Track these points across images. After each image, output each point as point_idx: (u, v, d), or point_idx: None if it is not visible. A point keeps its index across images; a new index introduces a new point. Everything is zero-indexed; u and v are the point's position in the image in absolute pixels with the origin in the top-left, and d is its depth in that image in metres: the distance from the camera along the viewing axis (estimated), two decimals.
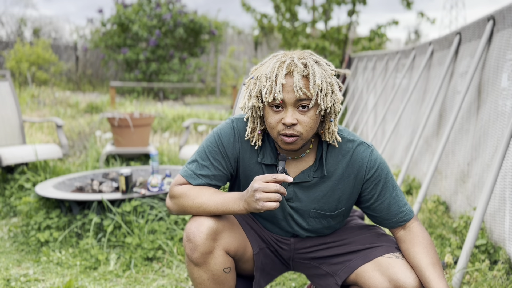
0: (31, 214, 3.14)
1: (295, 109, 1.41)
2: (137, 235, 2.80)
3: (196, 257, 1.50)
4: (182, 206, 1.55)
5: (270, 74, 1.41)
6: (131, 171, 2.99)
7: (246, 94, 1.50)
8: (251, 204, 1.42)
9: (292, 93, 1.39)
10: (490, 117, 2.74)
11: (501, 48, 2.69)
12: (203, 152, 1.58)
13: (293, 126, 1.41)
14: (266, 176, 1.40)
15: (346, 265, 1.60)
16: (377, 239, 1.62)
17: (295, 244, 1.70)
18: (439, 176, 3.55)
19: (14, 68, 11.52)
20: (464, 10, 34.39)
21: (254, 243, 1.66)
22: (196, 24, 12.82)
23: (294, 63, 1.40)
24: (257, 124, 1.53)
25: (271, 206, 1.39)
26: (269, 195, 1.38)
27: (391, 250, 1.56)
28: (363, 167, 1.55)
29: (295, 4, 9.48)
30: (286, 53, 1.47)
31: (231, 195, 1.51)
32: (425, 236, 1.54)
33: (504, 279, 2.20)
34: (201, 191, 1.54)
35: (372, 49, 9.33)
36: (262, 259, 1.69)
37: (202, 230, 1.49)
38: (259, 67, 1.50)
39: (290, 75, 1.39)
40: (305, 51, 1.48)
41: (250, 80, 1.49)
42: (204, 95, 14.09)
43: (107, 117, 4.88)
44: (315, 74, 1.40)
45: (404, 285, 1.46)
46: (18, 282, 2.49)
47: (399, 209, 1.56)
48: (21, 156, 3.87)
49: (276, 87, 1.39)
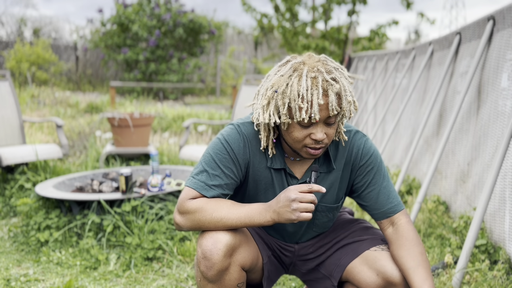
0: (31, 214, 3.14)
1: (324, 124, 1.41)
2: (137, 235, 2.80)
3: (212, 275, 1.45)
4: (198, 221, 1.45)
5: (305, 93, 1.35)
6: (131, 171, 2.99)
7: (269, 107, 1.42)
8: (284, 214, 1.40)
9: (325, 111, 1.38)
10: (490, 117, 2.74)
11: (501, 48, 2.69)
12: (212, 161, 1.50)
13: (322, 140, 1.42)
14: (301, 186, 1.40)
15: (337, 264, 1.62)
16: (363, 232, 1.66)
17: (299, 250, 1.71)
18: (439, 176, 3.55)
19: (14, 68, 11.52)
20: (464, 10, 34.43)
21: (263, 252, 1.65)
22: (196, 24, 12.82)
23: (327, 81, 1.37)
24: (270, 132, 1.50)
25: (307, 216, 1.39)
26: (306, 205, 1.38)
27: (377, 243, 1.59)
28: (359, 154, 1.58)
29: (295, 4, 9.48)
30: (307, 63, 1.41)
31: (255, 207, 1.46)
32: (411, 237, 1.52)
33: (504, 279, 2.20)
34: (219, 204, 1.46)
35: (372, 49, 9.33)
36: (269, 267, 1.68)
37: (219, 247, 1.43)
38: (277, 77, 1.42)
39: (325, 94, 1.37)
40: (321, 57, 1.45)
41: (274, 94, 1.41)
42: (204, 95, 14.09)
43: (107, 117, 4.88)
44: (345, 90, 1.39)
45: (392, 276, 1.49)
46: (18, 282, 2.49)
47: (387, 200, 1.57)
48: (21, 156, 3.87)
49: (313, 108, 1.35)
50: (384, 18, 60.18)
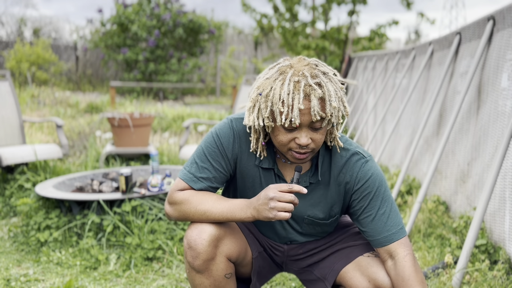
0: (31, 214, 3.14)
1: (309, 129, 1.38)
2: (137, 235, 2.80)
3: (198, 264, 1.48)
4: (184, 213, 1.51)
5: (286, 98, 1.33)
6: (131, 171, 2.99)
7: (253, 110, 1.42)
8: (263, 212, 1.40)
9: (308, 115, 1.34)
10: (490, 117, 2.74)
11: (501, 48, 2.69)
12: (202, 154, 1.54)
13: (307, 145, 1.39)
14: (281, 186, 1.39)
15: (331, 268, 1.62)
16: (360, 237, 1.65)
17: (288, 251, 1.71)
18: (439, 176, 3.55)
19: (14, 68, 11.52)
20: (464, 10, 34.38)
21: (253, 247, 1.66)
22: (196, 23, 12.82)
23: (310, 85, 1.33)
24: (260, 135, 1.50)
25: (284, 216, 1.38)
26: (284, 205, 1.37)
27: (370, 248, 1.58)
28: (353, 177, 1.52)
29: (294, 4, 9.48)
30: (294, 66, 1.39)
31: (237, 202, 1.48)
32: (410, 277, 1.43)
33: (504, 279, 2.20)
34: (204, 197, 1.50)
35: (372, 49, 9.33)
36: (260, 263, 1.69)
37: (204, 237, 1.47)
38: (263, 80, 1.41)
39: (307, 99, 1.33)
40: (311, 61, 1.42)
41: (258, 97, 1.40)
42: (204, 95, 14.09)
43: (107, 117, 4.88)
44: (330, 95, 1.35)
45: (383, 284, 1.49)
46: (18, 282, 2.49)
47: (383, 227, 1.49)
48: (21, 156, 3.87)
49: (293, 113, 1.33)
50: (384, 18, 60.17)
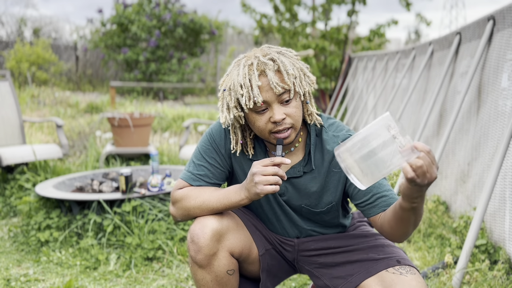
0: (31, 214, 3.14)
1: (279, 104, 1.42)
2: (137, 235, 2.80)
3: (200, 258, 1.49)
4: (185, 208, 1.54)
5: (243, 80, 1.40)
6: (131, 171, 2.99)
7: (223, 108, 1.48)
8: (251, 189, 1.41)
9: (270, 91, 1.40)
10: (490, 117, 2.74)
11: (501, 48, 2.69)
12: (198, 153, 1.61)
13: (283, 121, 1.42)
14: (264, 160, 1.41)
15: (348, 280, 1.51)
16: (381, 250, 1.54)
17: (299, 245, 1.69)
18: (439, 176, 3.55)
19: (14, 68, 11.52)
20: (464, 10, 34.35)
21: (260, 244, 1.65)
22: (196, 24, 12.82)
23: (262, 62, 1.40)
24: (239, 133, 1.54)
25: (271, 189, 1.38)
26: (267, 178, 1.38)
27: (396, 264, 1.46)
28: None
29: (294, 4, 9.47)
30: (248, 55, 1.47)
31: (232, 187, 1.52)
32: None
33: (504, 279, 2.20)
34: (202, 190, 1.55)
35: (372, 49, 9.33)
36: (268, 261, 1.68)
37: (206, 231, 1.48)
38: (226, 78, 1.48)
39: (263, 75, 1.40)
40: (264, 46, 1.49)
41: (223, 93, 1.48)
42: (204, 95, 14.08)
43: (107, 117, 4.88)
44: (285, 65, 1.41)
45: None
46: (18, 282, 2.49)
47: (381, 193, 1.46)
48: (21, 156, 3.87)
49: (253, 91, 1.39)
50: (383, 18, 60.19)
